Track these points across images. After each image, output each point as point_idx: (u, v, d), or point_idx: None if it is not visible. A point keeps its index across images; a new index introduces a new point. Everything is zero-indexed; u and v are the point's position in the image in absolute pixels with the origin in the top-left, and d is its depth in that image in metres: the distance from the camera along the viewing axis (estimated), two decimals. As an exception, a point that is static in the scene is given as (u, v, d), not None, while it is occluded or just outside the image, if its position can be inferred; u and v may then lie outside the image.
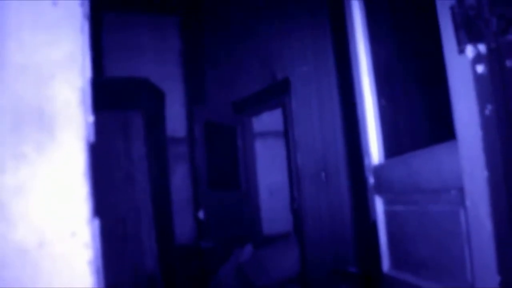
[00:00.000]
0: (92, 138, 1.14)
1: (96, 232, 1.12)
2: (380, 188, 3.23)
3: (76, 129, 1.10)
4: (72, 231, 1.10)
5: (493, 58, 2.04)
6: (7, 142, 1.08)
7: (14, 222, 1.08)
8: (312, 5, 5.84)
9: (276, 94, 6.63)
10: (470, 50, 2.07)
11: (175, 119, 7.65)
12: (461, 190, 2.25)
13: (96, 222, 1.13)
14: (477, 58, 2.05)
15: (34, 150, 1.09)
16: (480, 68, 2.05)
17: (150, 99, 6.27)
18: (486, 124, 2.04)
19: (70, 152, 1.10)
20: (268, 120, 8.46)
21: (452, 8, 2.16)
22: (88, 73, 1.14)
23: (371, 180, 3.32)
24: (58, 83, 1.10)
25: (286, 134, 7.16)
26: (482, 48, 2.05)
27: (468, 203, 2.20)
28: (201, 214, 6.82)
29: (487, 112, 2.03)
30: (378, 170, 3.25)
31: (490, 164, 2.03)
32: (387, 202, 3.19)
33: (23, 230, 1.08)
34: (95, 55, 1.18)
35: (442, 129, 2.69)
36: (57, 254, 1.09)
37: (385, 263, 3.28)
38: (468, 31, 2.08)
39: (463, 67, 2.12)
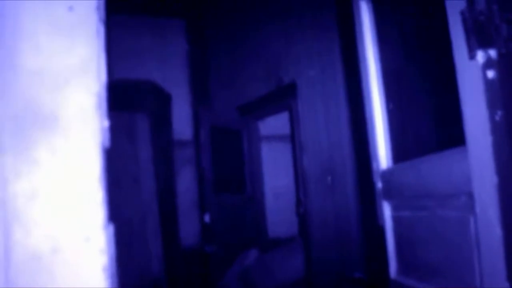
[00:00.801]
0: (107, 143, 1.13)
1: (111, 237, 1.12)
2: (388, 193, 3.22)
3: (92, 134, 1.10)
4: (86, 236, 1.10)
5: (503, 64, 2.04)
6: (22, 148, 1.08)
7: (29, 227, 1.08)
8: (319, 8, 5.83)
9: (282, 98, 6.62)
10: (480, 56, 2.06)
11: (181, 122, 7.64)
12: (470, 195, 2.25)
13: (111, 228, 1.13)
14: (488, 64, 2.05)
15: (49, 155, 1.09)
16: (490, 74, 2.04)
17: (157, 102, 6.27)
18: (496, 129, 2.03)
19: (85, 157, 1.10)
20: (274, 124, 8.45)
21: (462, 13, 2.15)
22: (103, 77, 1.14)
23: (379, 184, 3.31)
24: (74, 88, 1.10)
25: (292, 137, 7.15)
26: (492, 53, 2.05)
27: (477, 208, 2.19)
28: (206, 218, 6.82)
29: (497, 117, 2.03)
30: (386, 174, 3.24)
31: (500, 170, 2.02)
32: (395, 207, 3.18)
33: (38, 235, 1.08)
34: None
35: (451, 134, 2.69)
36: (72, 260, 1.09)
37: (393, 269, 3.27)
38: (478, 36, 2.08)
39: (474, 72, 2.11)
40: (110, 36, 6.55)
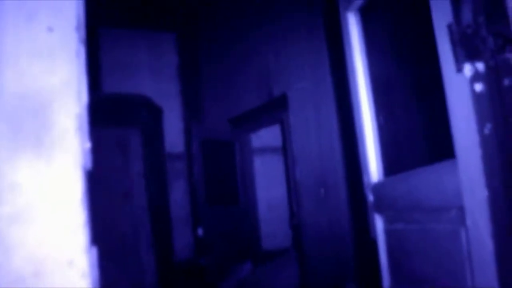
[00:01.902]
0: (89, 164, 1.12)
1: (94, 261, 1.11)
2: (380, 206, 3.21)
3: (73, 156, 1.09)
4: (69, 260, 1.08)
5: (491, 77, 2.03)
6: (5, 171, 1.07)
7: (11, 251, 1.06)
8: (308, 21, 5.85)
9: (274, 110, 6.63)
10: (468, 69, 2.06)
11: (173, 136, 7.64)
12: (461, 208, 2.24)
13: (94, 251, 1.11)
14: (475, 77, 2.05)
15: (31, 178, 1.08)
16: (478, 87, 2.04)
17: (148, 116, 6.26)
18: (485, 142, 2.03)
19: (67, 180, 1.09)
20: (267, 136, 8.45)
21: (449, 27, 2.15)
22: (84, 98, 1.13)
23: (370, 198, 3.30)
24: (55, 110, 1.09)
25: (284, 149, 7.15)
26: (480, 66, 2.04)
27: (468, 222, 2.18)
28: (200, 231, 6.80)
29: (486, 130, 2.02)
30: (377, 188, 3.23)
31: (490, 183, 2.02)
32: (387, 220, 3.17)
33: (20, 259, 1.07)
34: (92, 71, 1.18)
35: (442, 146, 2.68)
36: (55, 284, 1.07)
37: (386, 281, 3.26)
38: (465, 49, 2.08)
39: (461, 85, 2.11)
40: (101, 50, 6.55)
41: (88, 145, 1.12)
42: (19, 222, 1.07)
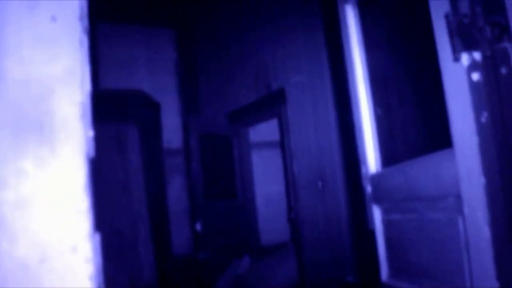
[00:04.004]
0: (92, 152, 1.13)
1: (97, 247, 1.12)
2: (378, 197, 3.23)
3: (76, 143, 1.10)
4: (73, 246, 1.09)
5: (488, 66, 2.05)
6: (8, 157, 1.08)
7: (16, 237, 1.07)
8: (306, 15, 5.85)
9: (272, 104, 6.62)
10: (465, 58, 2.08)
11: (171, 131, 7.64)
12: (458, 197, 2.26)
13: (97, 237, 1.12)
14: (473, 66, 2.06)
15: (35, 165, 1.09)
16: (475, 76, 2.06)
17: (145, 111, 6.26)
18: (482, 131, 2.04)
19: (70, 167, 1.10)
20: (265, 130, 8.45)
21: (446, 17, 2.17)
22: (87, 87, 1.14)
23: (368, 189, 3.32)
24: (58, 98, 1.10)
25: (282, 143, 7.15)
26: (477, 55, 2.06)
27: (466, 210, 2.20)
28: (198, 226, 6.81)
29: (483, 119, 2.04)
30: (375, 179, 3.25)
31: (487, 171, 2.03)
32: (385, 211, 3.19)
33: (25, 246, 1.08)
34: (91, 66, 1.19)
35: (439, 137, 2.70)
36: (59, 269, 1.08)
37: (384, 272, 3.28)
38: (463, 39, 2.09)
39: (459, 75, 2.13)
40: (99, 45, 6.54)
41: (91, 133, 1.13)
42: (23, 208, 1.08)
